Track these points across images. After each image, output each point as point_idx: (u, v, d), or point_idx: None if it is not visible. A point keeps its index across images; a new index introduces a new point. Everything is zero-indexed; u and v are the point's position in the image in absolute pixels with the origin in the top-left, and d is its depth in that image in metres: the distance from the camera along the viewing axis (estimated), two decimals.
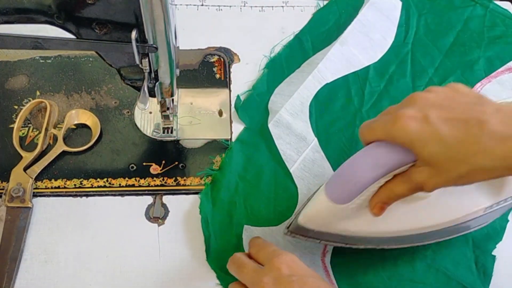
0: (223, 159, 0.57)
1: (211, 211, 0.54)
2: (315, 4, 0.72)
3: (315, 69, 0.62)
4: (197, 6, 0.71)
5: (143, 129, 0.59)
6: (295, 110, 0.60)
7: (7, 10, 0.41)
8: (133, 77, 0.49)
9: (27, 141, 0.57)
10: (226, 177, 0.56)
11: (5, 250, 0.50)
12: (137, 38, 0.42)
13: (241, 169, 0.57)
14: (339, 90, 0.63)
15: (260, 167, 0.57)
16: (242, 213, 0.54)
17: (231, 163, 0.57)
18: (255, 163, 0.57)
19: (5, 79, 0.61)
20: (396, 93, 0.63)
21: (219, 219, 0.54)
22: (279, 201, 0.55)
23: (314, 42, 0.67)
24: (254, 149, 0.58)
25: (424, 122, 0.38)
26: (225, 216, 0.54)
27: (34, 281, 0.49)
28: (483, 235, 0.54)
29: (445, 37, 0.68)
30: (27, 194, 0.53)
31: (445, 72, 0.65)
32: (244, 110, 0.61)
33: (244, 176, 0.56)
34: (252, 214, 0.54)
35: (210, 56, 0.66)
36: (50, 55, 0.64)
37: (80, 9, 0.41)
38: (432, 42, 0.68)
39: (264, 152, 0.58)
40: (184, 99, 0.62)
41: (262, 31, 0.69)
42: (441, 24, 0.69)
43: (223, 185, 0.55)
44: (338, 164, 0.50)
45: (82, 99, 0.61)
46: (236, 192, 0.55)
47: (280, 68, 0.65)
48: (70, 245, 0.51)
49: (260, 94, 0.62)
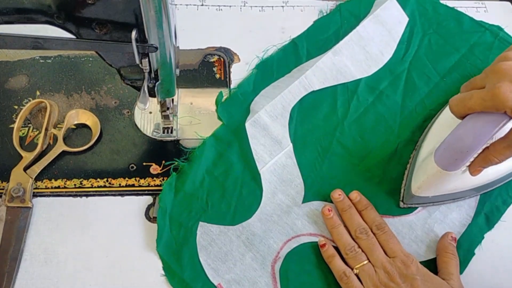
0: (194, 152, 0.57)
1: (171, 201, 0.54)
2: (315, 4, 0.72)
3: (303, 75, 0.61)
4: (197, 6, 0.71)
5: (143, 129, 0.59)
6: (275, 113, 0.59)
7: (7, 10, 0.41)
8: (133, 77, 0.49)
9: (27, 141, 0.57)
10: (193, 170, 0.55)
11: (5, 250, 0.50)
12: (137, 38, 0.42)
13: (210, 164, 0.56)
14: (325, 99, 0.61)
15: (230, 165, 0.56)
16: (202, 208, 0.54)
17: (202, 157, 0.56)
18: (225, 160, 0.56)
19: (5, 79, 0.62)
20: (383, 109, 0.62)
21: (178, 210, 0.53)
22: (241, 201, 0.54)
23: (310, 49, 0.66)
24: (227, 146, 0.57)
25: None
26: (184, 209, 0.53)
27: (34, 281, 0.49)
28: None
29: (446, 60, 0.66)
30: (27, 194, 0.53)
31: (439, 95, 0.63)
32: (224, 107, 0.60)
33: (212, 172, 0.56)
34: (212, 210, 0.54)
35: (210, 56, 0.66)
36: (50, 55, 0.64)
37: (80, 9, 0.41)
38: (432, 63, 0.66)
39: (236, 151, 0.57)
40: (184, 99, 0.62)
41: (262, 31, 0.69)
42: (445, 46, 0.67)
43: (189, 178, 0.55)
44: (308, 173, 0.56)
45: (82, 99, 0.61)
46: (200, 186, 0.55)
47: (270, 70, 0.64)
48: (70, 245, 0.51)
49: (244, 93, 0.62)
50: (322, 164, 0.57)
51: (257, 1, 0.72)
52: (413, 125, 0.61)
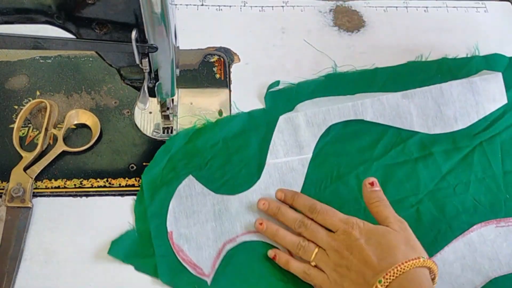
0: (224, 118, 0.59)
1: (179, 146, 0.56)
2: (315, 4, 0.72)
3: (360, 100, 0.59)
4: (197, 6, 0.71)
5: (143, 129, 0.59)
6: (313, 121, 0.58)
7: (7, 10, 0.41)
8: (133, 77, 0.49)
9: (27, 141, 0.57)
10: (214, 131, 0.58)
11: (5, 250, 0.50)
12: (137, 38, 0.42)
13: (230, 135, 0.58)
14: (369, 133, 0.59)
15: (246, 144, 0.57)
16: (200, 165, 0.56)
17: (227, 125, 0.58)
18: (245, 138, 0.58)
19: (5, 79, 0.62)
20: (422, 171, 0.57)
21: (179, 156, 0.56)
22: (236, 178, 0.55)
23: (387, 82, 0.63)
24: (254, 127, 0.59)
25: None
26: (185, 157, 0.56)
27: (34, 281, 0.49)
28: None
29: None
30: (27, 194, 0.53)
31: (490, 188, 0.56)
32: (273, 95, 0.62)
33: (227, 141, 0.57)
34: (206, 171, 0.55)
35: (210, 56, 0.66)
36: (50, 55, 0.64)
37: (80, 9, 0.41)
38: (504, 154, 0.58)
39: (260, 135, 0.58)
40: (184, 99, 0.62)
41: (262, 31, 0.69)
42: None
43: (206, 136, 0.57)
44: (310, 188, 0.55)
45: (82, 99, 0.61)
46: (210, 148, 0.57)
47: (336, 85, 0.63)
48: (70, 245, 0.51)
49: (299, 91, 0.62)
50: (328, 187, 0.56)
51: (257, 1, 0.72)
52: (437, 204, 0.55)
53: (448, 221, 0.54)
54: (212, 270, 0.50)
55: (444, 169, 0.57)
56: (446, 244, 0.53)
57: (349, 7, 0.73)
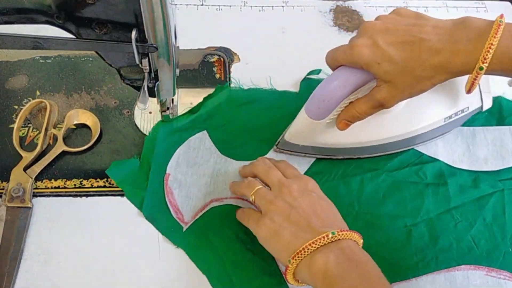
0: (255, 87, 0.62)
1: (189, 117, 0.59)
2: (315, 4, 0.72)
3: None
4: (197, 6, 0.71)
5: (143, 129, 0.59)
6: None
7: (7, 10, 0.41)
8: (133, 77, 0.49)
9: (27, 141, 0.57)
10: (241, 96, 0.61)
11: (5, 250, 0.50)
12: (137, 38, 0.42)
13: (256, 105, 0.60)
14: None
15: (268, 118, 0.59)
16: (216, 125, 0.58)
17: (257, 95, 0.61)
18: (269, 113, 0.59)
19: (5, 79, 0.62)
20: (429, 197, 0.55)
21: (198, 118, 0.58)
22: (244, 146, 0.57)
23: None
24: (282, 105, 0.60)
25: (374, 47, 0.44)
26: (202, 115, 0.59)
27: (34, 281, 0.49)
28: None
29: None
30: (27, 194, 0.53)
31: (491, 235, 0.53)
32: (309, 82, 0.63)
33: (250, 111, 0.60)
34: (221, 133, 0.57)
35: (210, 56, 0.66)
36: (50, 55, 0.64)
37: (80, 9, 0.41)
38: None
39: (284, 115, 0.58)
40: (184, 99, 0.62)
41: (262, 31, 0.69)
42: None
43: (234, 99, 0.60)
44: None
45: (82, 99, 0.61)
46: (233, 113, 0.59)
47: None
48: (70, 245, 0.51)
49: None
50: (329, 182, 0.55)
51: (257, 1, 0.72)
52: (431, 233, 0.53)
53: (437, 252, 0.51)
54: (191, 219, 0.52)
55: (454, 203, 0.54)
56: (426, 273, 0.50)
57: (349, 7, 0.73)
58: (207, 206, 0.53)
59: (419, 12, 0.47)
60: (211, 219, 0.52)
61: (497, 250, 0.52)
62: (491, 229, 0.53)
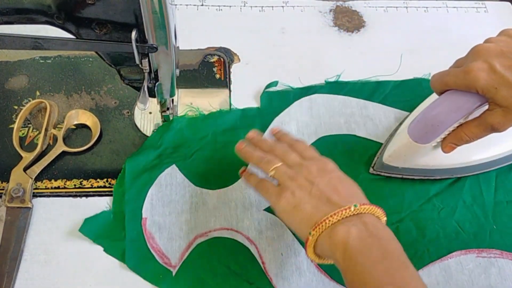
0: (217, 111, 0.60)
1: (168, 134, 0.57)
2: (315, 4, 0.72)
3: (352, 112, 0.60)
4: (197, 6, 0.71)
5: (143, 129, 0.59)
6: (304, 130, 0.59)
7: (7, 10, 0.41)
8: (133, 77, 0.49)
9: (27, 141, 0.57)
10: (205, 124, 0.59)
11: (5, 250, 0.50)
12: (137, 38, 0.42)
13: (220, 129, 0.58)
14: (361, 146, 0.59)
15: (234, 140, 0.53)
16: (186, 156, 0.56)
17: (219, 118, 0.59)
18: (234, 134, 0.58)
19: (5, 79, 0.62)
20: (406, 189, 0.56)
21: (167, 143, 0.56)
22: (219, 173, 0.55)
23: None
24: (246, 124, 0.59)
25: (491, 71, 0.43)
26: (172, 145, 0.56)
27: (34, 281, 0.49)
28: None
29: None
30: (27, 194, 0.53)
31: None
32: (270, 95, 0.62)
33: (216, 136, 0.58)
34: (191, 163, 0.55)
35: (210, 56, 0.66)
36: (50, 55, 0.64)
37: (80, 9, 0.41)
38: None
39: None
40: (184, 99, 0.62)
41: (262, 31, 0.69)
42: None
43: (195, 127, 0.58)
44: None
45: (82, 99, 0.61)
46: (199, 140, 0.57)
47: (335, 91, 0.63)
48: (70, 245, 0.51)
49: (296, 95, 0.62)
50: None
51: (257, 1, 0.72)
52: (418, 225, 0.54)
53: (427, 244, 0.52)
54: (179, 261, 0.50)
55: (432, 191, 0.56)
56: (421, 267, 0.51)
57: (349, 7, 0.73)
58: (192, 243, 0.51)
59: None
60: (199, 257, 0.50)
61: (483, 230, 0.53)
62: (472, 210, 0.55)
